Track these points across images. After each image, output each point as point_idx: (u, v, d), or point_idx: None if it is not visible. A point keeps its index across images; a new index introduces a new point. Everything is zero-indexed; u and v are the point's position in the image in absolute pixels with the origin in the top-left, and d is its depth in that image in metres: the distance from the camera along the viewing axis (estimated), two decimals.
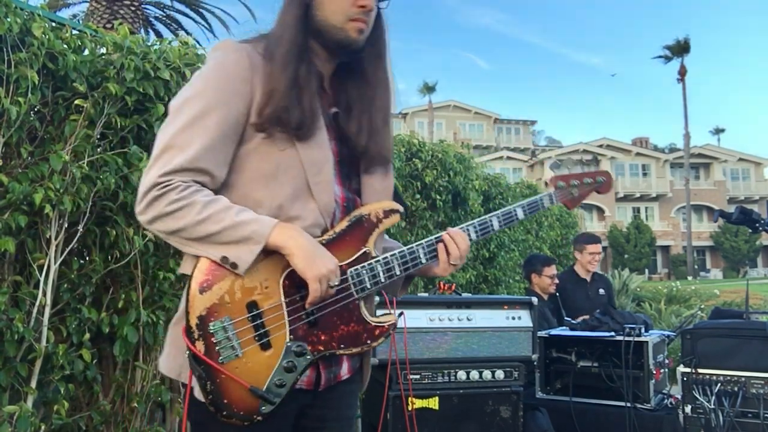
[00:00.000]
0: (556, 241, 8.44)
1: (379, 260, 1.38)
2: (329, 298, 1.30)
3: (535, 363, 3.10)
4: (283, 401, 1.25)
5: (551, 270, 4.51)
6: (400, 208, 1.44)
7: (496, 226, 1.56)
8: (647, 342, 3.05)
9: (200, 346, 1.20)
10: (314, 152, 1.33)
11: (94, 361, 2.41)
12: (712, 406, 2.79)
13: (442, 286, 3.23)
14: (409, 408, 2.65)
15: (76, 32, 2.50)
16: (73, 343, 2.33)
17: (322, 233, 1.34)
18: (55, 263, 2.29)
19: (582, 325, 3.43)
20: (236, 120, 1.29)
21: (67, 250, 2.33)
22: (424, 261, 1.44)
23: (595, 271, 5.02)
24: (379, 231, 1.40)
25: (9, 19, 2.13)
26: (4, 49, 2.16)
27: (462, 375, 2.79)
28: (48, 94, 2.33)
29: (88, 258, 2.48)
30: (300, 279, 1.25)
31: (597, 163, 42.28)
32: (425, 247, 1.45)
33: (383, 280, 1.38)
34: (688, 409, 2.87)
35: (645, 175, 44.67)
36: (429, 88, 45.92)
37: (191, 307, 1.21)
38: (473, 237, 1.51)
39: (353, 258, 1.35)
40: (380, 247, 1.45)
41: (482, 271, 5.90)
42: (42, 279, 2.25)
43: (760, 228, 2.84)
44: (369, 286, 1.36)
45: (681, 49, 39.32)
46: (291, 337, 1.27)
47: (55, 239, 2.29)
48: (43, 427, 2.22)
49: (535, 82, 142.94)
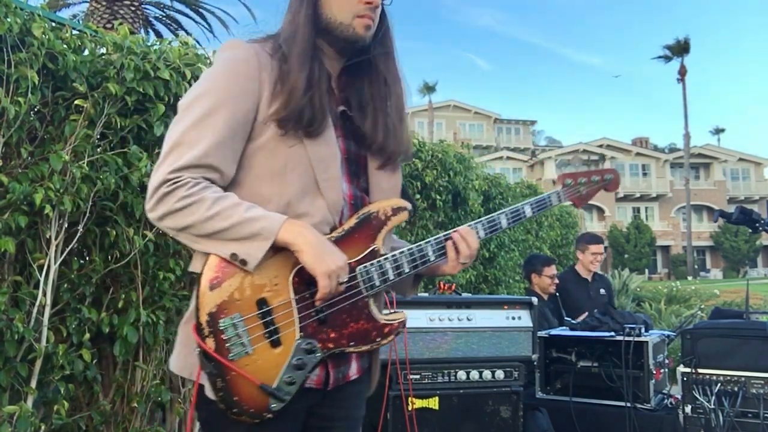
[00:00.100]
0: (556, 241, 8.45)
1: (387, 258, 1.37)
2: (338, 295, 1.29)
3: (535, 363, 3.09)
4: (293, 400, 1.24)
5: (551, 270, 4.51)
6: (409, 205, 1.44)
7: (505, 223, 1.55)
8: (647, 342, 3.05)
9: (210, 343, 1.20)
10: (322, 149, 1.33)
11: (94, 361, 2.41)
12: (712, 406, 2.78)
13: (442, 286, 3.23)
14: (409, 408, 2.64)
15: (76, 32, 2.50)
16: (73, 343, 2.33)
17: (331, 230, 1.34)
18: (55, 263, 2.29)
19: (582, 325, 3.43)
20: (245, 117, 1.29)
21: (67, 250, 2.33)
22: (432, 258, 1.44)
23: (596, 272, 5.02)
24: (388, 228, 1.40)
25: (9, 19, 2.13)
26: (4, 49, 2.16)
27: (462, 375, 2.79)
28: (48, 94, 2.33)
29: (88, 258, 2.48)
30: (309, 276, 1.25)
31: (603, 162, 42.31)
32: (434, 244, 1.44)
33: (392, 277, 1.37)
34: (688, 409, 2.87)
35: (645, 175, 44.67)
36: (429, 88, 45.89)
37: (201, 304, 1.21)
38: (482, 235, 1.50)
39: (362, 255, 1.35)
40: (389, 245, 1.44)
41: (482, 271, 5.91)
42: (42, 279, 2.25)
43: (760, 228, 2.83)
44: (378, 283, 1.35)
45: (681, 49, 39.31)
46: (301, 334, 1.26)
47: (55, 239, 2.29)
48: (43, 427, 2.22)
49: (535, 82, 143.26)
